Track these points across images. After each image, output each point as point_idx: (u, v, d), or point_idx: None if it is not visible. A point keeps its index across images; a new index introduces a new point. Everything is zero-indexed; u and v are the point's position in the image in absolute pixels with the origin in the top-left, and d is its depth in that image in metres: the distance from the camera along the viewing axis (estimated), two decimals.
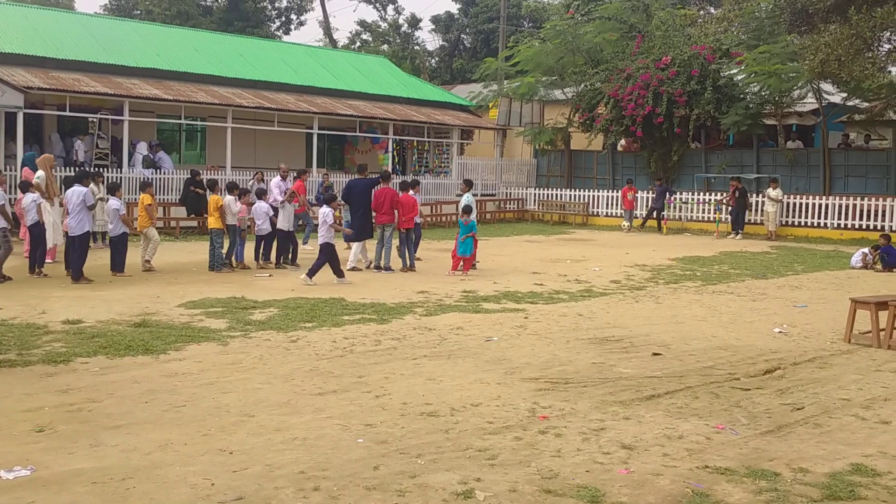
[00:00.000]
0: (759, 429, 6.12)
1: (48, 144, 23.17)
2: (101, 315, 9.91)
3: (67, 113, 21.15)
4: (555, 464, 5.28)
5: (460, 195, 17.31)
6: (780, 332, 9.93)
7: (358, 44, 60.87)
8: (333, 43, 59.50)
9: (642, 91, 26.18)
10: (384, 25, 62.56)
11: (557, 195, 30.07)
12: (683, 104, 25.73)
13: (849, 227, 23.30)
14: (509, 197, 30.92)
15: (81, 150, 22.58)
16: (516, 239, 22.72)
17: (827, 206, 23.82)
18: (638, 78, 26.42)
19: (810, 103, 25.67)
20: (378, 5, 62.41)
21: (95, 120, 22.75)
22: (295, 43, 39.78)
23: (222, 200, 14.53)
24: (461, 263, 14.73)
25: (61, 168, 20.37)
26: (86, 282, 12.46)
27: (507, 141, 33.85)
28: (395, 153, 29.40)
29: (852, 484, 5.03)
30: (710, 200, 25.76)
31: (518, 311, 10.97)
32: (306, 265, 13.86)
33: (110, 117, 22.55)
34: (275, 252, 15.18)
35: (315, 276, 12.91)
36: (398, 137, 29.11)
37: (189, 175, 21.01)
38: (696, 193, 26.55)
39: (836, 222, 23.60)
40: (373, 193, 14.97)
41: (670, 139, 26.99)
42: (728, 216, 24.51)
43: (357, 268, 14.89)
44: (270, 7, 60.08)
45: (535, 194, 30.71)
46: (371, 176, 15.93)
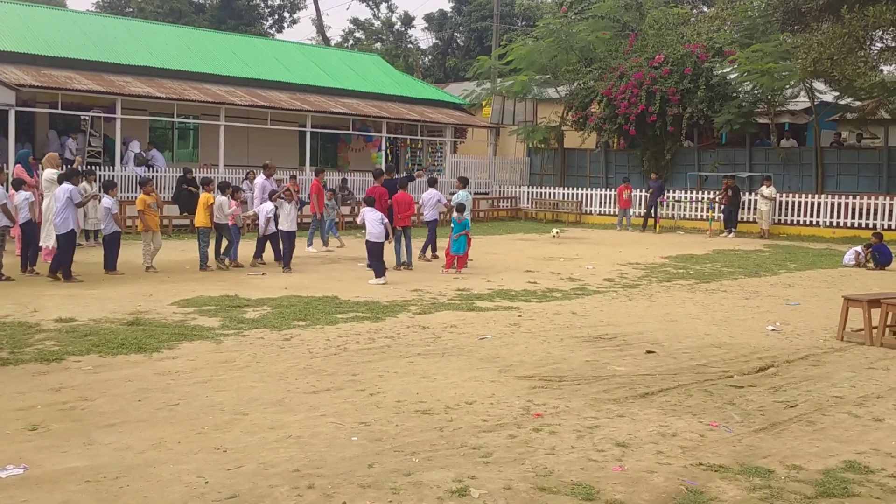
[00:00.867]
0: (753, 426, 6.14)
1: (45, 142, 23.11)
2: (94, 313, 9.88)
3: (60, 111, 21.07)
4: (549, 461, 5.28)
5: (454, 193, 17.30)
6: (774, 330, 9.96)
7: (351, 42, 60.82)
8: (326, 41, 59.41)
9: (635, 89, 26.22)
10: (377, 23, 62.49)
11: (551, 193, 30.09)
12: (676, 103, 25.77)
13: (841, 226, 23.38)
14: (503, 195, 30.94)
15: (73, 148, 22.49)
16: (509, 237, 22.73)
17: (819, 205, 23.91)
18: (631, 76, 26.46)
19: (803, 102, 25.76)
20: (371, 3, 62.33)
21: (88, 118, 22.66)
22: (288, 41, 39.66)
23: (213, 199, 14.49)
24: (455, 261, 14.75)
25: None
26: (74, 280, 12.38)
27: (501, 139, 33.86)
28: (389, 151, 29.37)
29: (845, 481, 5.05)
30: (703, 199, 25.80)
31: (512, 310, 10.97)
32: (307, 267, 13.85)
33: (103, 115, 22.46)
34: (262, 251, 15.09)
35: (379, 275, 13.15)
36: (391, 136, 29.08)
37: (182, 173, 20.95)
38: (689, 192, 26.60)
39: (829, 221, 23.68)
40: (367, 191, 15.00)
41: (663, 138, 27.03)
42: (720, 214, 24.57)
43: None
44: (263, 5, 59.95)
45: (529, 193, 30.73)
46: (397, 176, 16.10)
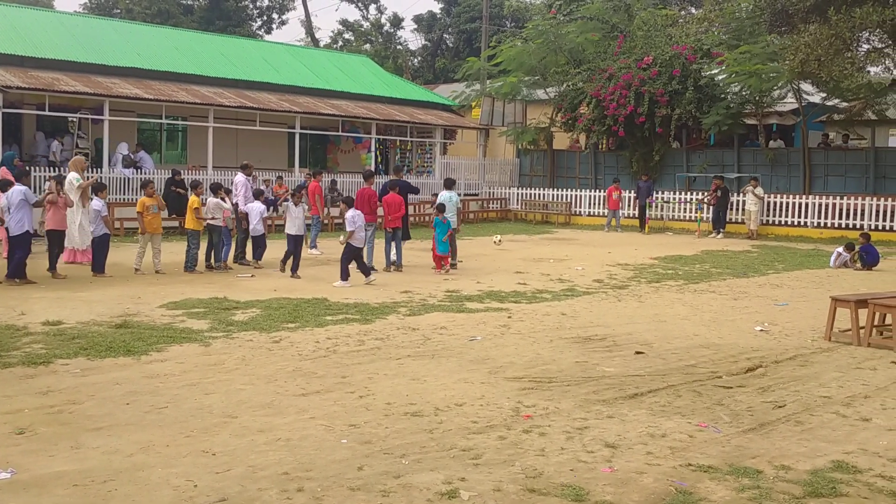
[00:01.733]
0: (742, 427, 6.16)
1: (33, 144, 22.98)
2: (82, 316, 9.83)
3: (47, 112, 20.96)
4: (539, 463, 5.29)
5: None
6: (762, 331, 10.00)
7: (340, 43, 60.73)
8: (315, 42, 59.31)
9: (624, 91, 26.29)
10: (366, 25, 62.44)
11: (540, 195, 30.15)
12: (665, 104, 25.85)
13: (828, 226, 23.50)
14: (492, 196, 30.96)
15: (58, 150, 22.39)
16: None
17: (807, 205, 24.03)
18: (620, 78, 26.52)
19: (790, 103, 25.88)
20: (360, 5, 62.26)
21: (75, 119, 22.56)
22: (277, 42, 39.62)
23: (198, 202, 14.44)
24: (450, 261, 14.95)
25: (45, 168, 20.28)
26: (26, 283, 12.24)
27: (490, 140, 33.88)
28: (378, 153, 29.36)
29: (833, 481, 5.07)
30: (692, 200, 25.90)
31: (501, 311, 10.98)
32: (311, 270, 13.80)
33: (90, 117, 22.37)
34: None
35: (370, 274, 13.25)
36: (381, 137, 29.07)
37: (170, 175, 20.87)
38: (678, 193, 26.68)
39: (816, 221, 23.80)
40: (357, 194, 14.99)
41: (652, 139, 27.11)
42: (709, 215, 24.67)
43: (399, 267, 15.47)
44: (252, 6, 59.79)
45: (518, 194, 30.77)
46: (405, 178, 16.20)
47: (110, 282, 12.88)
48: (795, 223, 24.14)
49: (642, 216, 25.93)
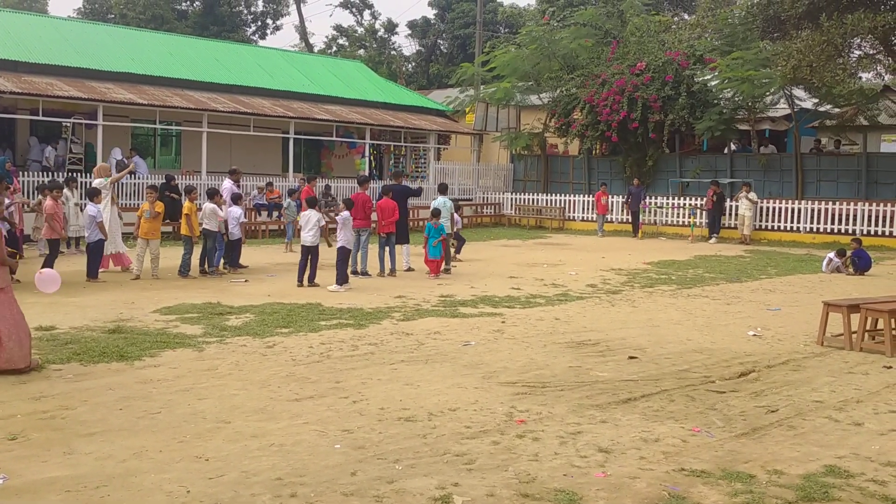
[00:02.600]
0: (735, 431, 6.18)
1: (26, 149, 22.94)
2: (75, 321, 9.81)
3: (41, 117, 20.92)
4: (532, 468, 5.29)
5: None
6: (755, 335, 10.03)
7: (334, 48, 60.83)
8: (310, 47, 59.36)
9: (617, 96, 26.36)
10: (361, 30, 62.57)
11: (534, 200, 30.19)
12: (658, 109, 25.94)
13: (821, 231, 23.61)
14: (486, 201, 31.00)
15: (52, 156, 22.35)
16: (493, 243, 22.76)
17: (799, 211, 24.13)
18: (613, 83, 26.60)
19: (783, 109, 26.01)
20: (354, 10, 62.39)
21: (69, 124, 22.52)
22: (271, 47, 39.59)
23: (194, 207, 14.43)
24: (441, 266, 14.94)
25: (38, 173, 20.26)
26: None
27: (484, 146, 33.93)
28: (372, 158, 29.36)
29: (826, 485, 5.09)
30: (685, 205, 25.98)
31: (495, 316, 10.99)
32: (290, 274, 13.78)
33: (84, 122, 22.33)
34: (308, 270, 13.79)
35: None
36: (375, 142, 29.09)
37: (164, 180, 20.84)
38: (671, 198, 26.76)
39: (809, 226, 23.91)
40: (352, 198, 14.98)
41: (645, 144, 27.19)
42: (703, 221, 24.76)
43: (411, 268, 15.62)
44: (246, 11, 59.89)
45: (512, 199, 30.81)
46: (405, 183, 16.30)
47: (104, 287, 12.85)
48: (788, 228, 24.24)
49: (635, 221, 26.04)
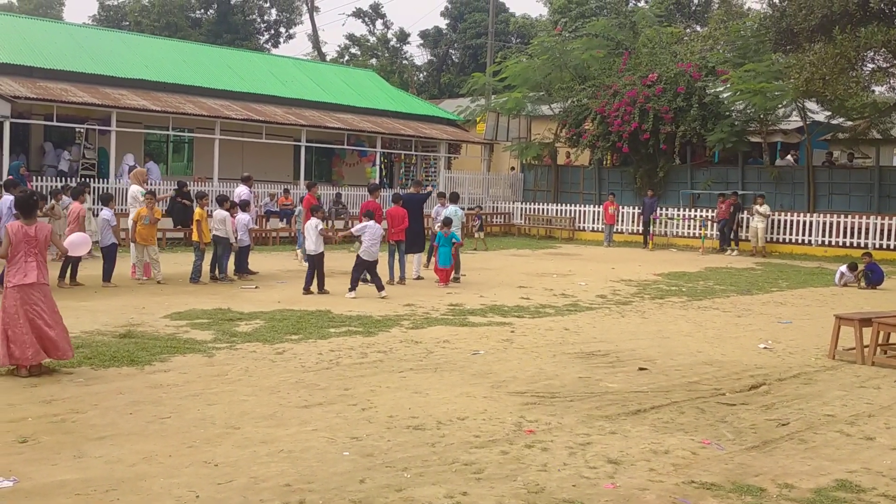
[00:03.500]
0: (745, 444, 6.14)
1: (42, 154, 23.11)
2: (86, 326, 9.85)
3: (55, 123, 21.07)
4: (541, 478, 5.28)
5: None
6: (765, 348, 9.98)
7: (347, 57, 61.08)
8: (322, 56, 59.64)
9: (629, 107, 26.35)
10: (373, 40, 62.84)
11: (544, 210, 30.18)
12: (669, 121, 25.91)
13: (833, 245, 23.49)
14: (496, 211, 31.00)
15: (65, 161, 22.50)
16: (503, 253, 22.75)
17: (811, 224, 24.02)
18: (624, 94, 26.60)
19: (795, 121, 25.93)
20: (367, 20, 62.69)
21: (82, 130, 22.68)
22: (284, 56, 39.85)
23: (205, 214, 14.49)
24: (451, 275, 14.93)
25: (54, 178, 20.41)
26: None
27: (494, 155, 33.97)
28: (383, 166, 29.45)
29: (837, 500, 5.05)
30: (696, 216, 25.93)
31: (504, 325, 10.97)
32: (300, 281, 13.79)
33: (97, 128, 22.49)
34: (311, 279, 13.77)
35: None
36: (386, 151, 29.17)
37: (176, 186, 20.94)
38: (682, 209, 26.71)
39: (821, 239, 23.80)
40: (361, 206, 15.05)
41: (656, 155, 27.15)
42: (715, 232, 24.71)
43: (421, 276, 15.69)
44: (259, 20, 60.26)
45: (522, 209, 30.81)
46: (422, 191, 16.38)
47: (115, 292, 12.91)
48: (799, 241, 24.14)
49: (646, 232, 26.04)
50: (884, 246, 22.55)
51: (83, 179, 19.84)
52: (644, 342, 10.09)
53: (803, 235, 24.12)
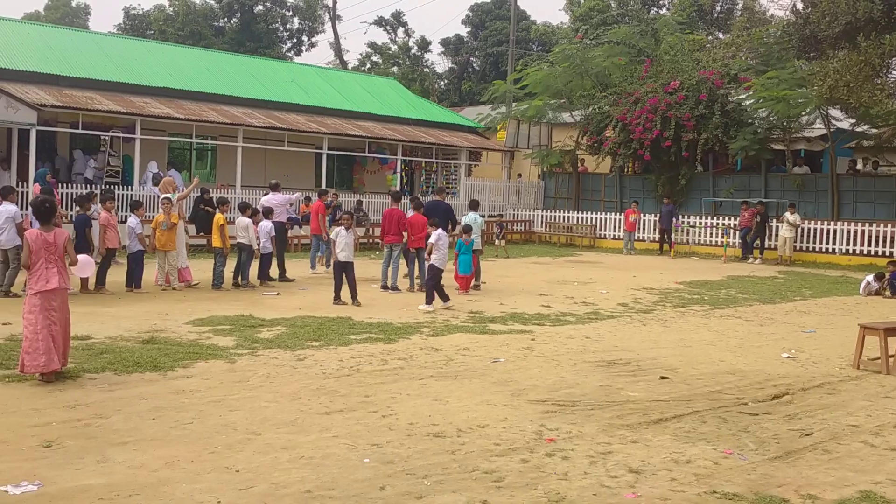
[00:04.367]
0: (768, 454, 6.09)
1: (72, 162, 23.38)
2: (110, 331, 9.95)
3: (80, 130, 21.32)
4: (562, 487, 5.26)
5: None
6: (789, 358, 9.89)
7: (368, 65, 61.33)
8: (344, 64, 59.95)
9: (650, 115, 26.27)
10: (394, 48, 63.06)
11: (565, 217, 30.13)
12: (691, 128, 25.79)
13: (857, 253, 23.24)
14: (517, 219, 30.97)
15: (91, 169, 22.75)
16: (523, 260, 22.72)
17: (835, 232, 23.78)
18: (646, 102, 26.52)
19: (819, 129, 25.71)
20: (388, 28, 62.95)
21: (107, 138, 22.92)
22: (306, 64, 40.06)
23: (223, 220, 14.59)
24: (472, 282, 14.94)
25: (82, 185, 20.66)
26: (14, 296, 12.38)
27: (515, 163, 33.95)
28: (404, 174, 29.52)
29: None
30: (719, 224, 25.78)
31: (525, 333, 10.96)
32: (321, 287, 13.86)
33: (122, 135, 22.73)
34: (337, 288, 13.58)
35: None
36: (407, 158, 29.22)
37: (199, 193, 21.11)
38: (704, 217, 26.56)
39: (845, 248, 23.54)
40: (383, 214, 15.10)
41: (678, 163, 27.03)
42: (737, 240, 24.54)
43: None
44: (282, 28, 60.69)
45: (543, 216, 30.77)
46: (446, 199, 16.32)
47: (138, 298, 13.03)
48: (823, 250, 23.89)
49: (663, 240, 25.98)
50: None
51: (108, 187, 20.02)
52: (665, 351, 10.04)
53: (827, 244, 23.87)
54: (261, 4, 58.10)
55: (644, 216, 27.60)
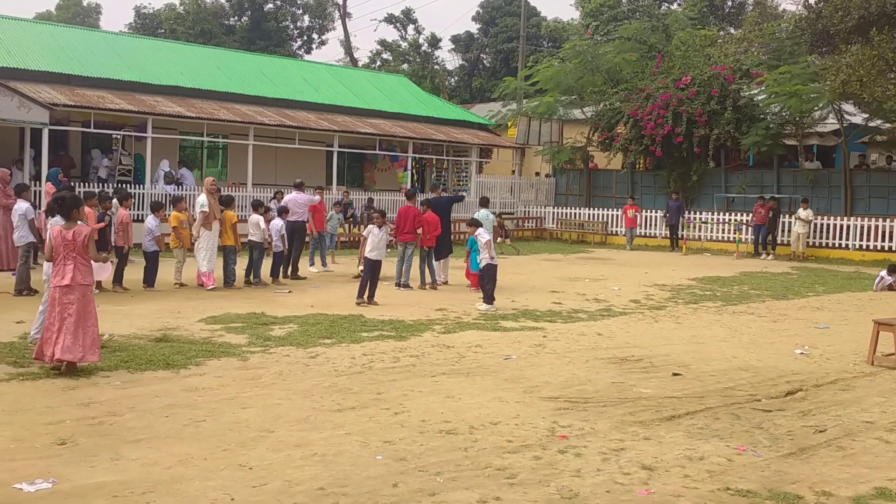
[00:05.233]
0: (782, 451, 6.06)
1: (90, 160, 23.48)
2: (123, 329, 9.99)
3: (92, 129, 21.42)
4: (574, 484, 5.25)
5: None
6: (802, 354, 9.84)
7: (378, 63, 61.35)
8: (354, 62, 59.97)
9: (662, 111, 26.18)
10: (404, 45, 63.04)
11: (576, 214, 30.07)
12: (703, 124, 25.69)
13: (870, 249, 23.10)
14: (528, 215, 30.94)
15: (104, 168, 22.86)
16: (535, 257, 22.69)
17: (848, 227, 23.63)
18: (657, 98, 26.43)
19: (831, 124, 25.55)
20: (399, 25, 62.93)
21: (119, 137, 23.03)
22: (316, 62, 40.09)
23: (235, 218, 14.64)
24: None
25: (95, 183, 20.74)
26: (29, 293, 12.45)
27: (526, 159, 33.91)
28: (414, 171, 29.52)
29: None
30: (731, 220, 25.67)
31: (537, 330, 10.94)
32: (333, 285, 13.87)
33: (134, 134, 22.82)
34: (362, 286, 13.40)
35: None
36: (417, 156, 29.23)
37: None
38: (716, 213, 26.46)
39: (858, 243, 23.40)
40: (398, 211, 15.12)
41: (690, 159, 26.93)
42: (750, 236, 24.44)
43: (446, 281, 15.69)
44: (292, 26, 60.75)
45: (554, 213, 30.72)
46: (445, 194, 16.41)
47: (151, 296, 13.08)
48: (836, 245, 23.76)
49: (673, 236, 25.93)
50: None
51: (120, 185, 20.11)
52: (678, 347, 10.01)
53: (840, 239, 23.73)
54: (271, 2, 58.20)
55: (650, 212, 27.54)
